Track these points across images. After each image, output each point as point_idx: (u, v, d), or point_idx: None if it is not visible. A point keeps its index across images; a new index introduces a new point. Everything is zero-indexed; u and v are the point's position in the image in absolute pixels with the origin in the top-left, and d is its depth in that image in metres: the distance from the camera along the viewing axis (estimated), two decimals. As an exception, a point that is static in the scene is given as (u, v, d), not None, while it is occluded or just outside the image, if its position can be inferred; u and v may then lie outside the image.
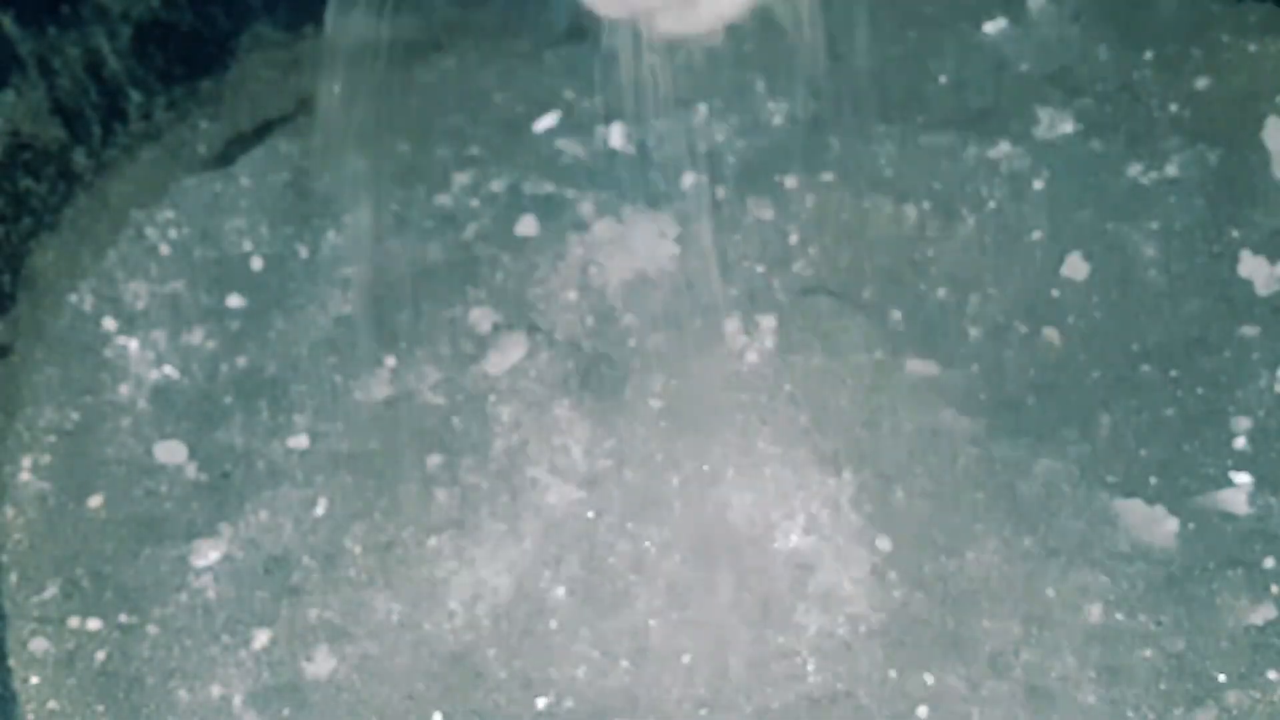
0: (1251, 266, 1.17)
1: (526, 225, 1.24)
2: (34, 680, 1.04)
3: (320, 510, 1.10)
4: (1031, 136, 1.24)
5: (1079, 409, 1.12)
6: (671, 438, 1.10)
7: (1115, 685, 1.00)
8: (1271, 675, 0.99)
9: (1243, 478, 1.07)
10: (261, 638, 1.05)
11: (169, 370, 1.19)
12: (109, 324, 1.21)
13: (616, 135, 1.30)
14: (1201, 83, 1.26)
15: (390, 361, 1.17)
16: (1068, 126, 1.25)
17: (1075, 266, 1.18)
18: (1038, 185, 1.21)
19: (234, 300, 1.22)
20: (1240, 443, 1.09)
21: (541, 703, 1.02)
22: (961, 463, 1.09)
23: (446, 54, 1.37)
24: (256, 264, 1.25)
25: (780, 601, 1.04)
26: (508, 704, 1.02)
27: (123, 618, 1.07)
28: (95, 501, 1.12)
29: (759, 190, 1.22)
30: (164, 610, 1.07)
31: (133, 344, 1.20)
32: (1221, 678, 0.99)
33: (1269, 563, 1.03)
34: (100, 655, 1.05)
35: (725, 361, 1.12)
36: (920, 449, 1.09)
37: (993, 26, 1.32)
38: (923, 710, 1.00)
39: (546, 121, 1.32)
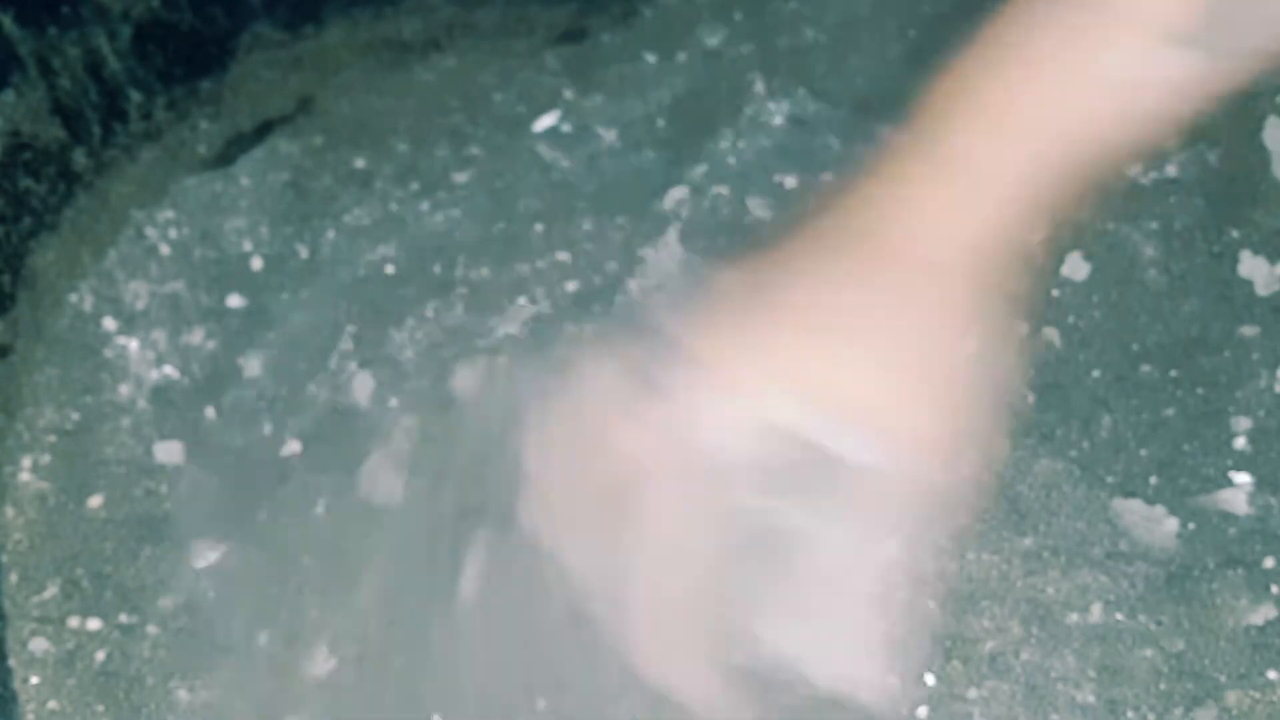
0: (1251, 266, 1.17)
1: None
2: (34, 680, 1.04)
3: (320, 510, 1.10)
4: (1031, 136, 1.24)
5: (1079, 409, 1.12)
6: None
7: (1115, 685, 1.00)
8: (1271, 675, 0.99)
9: (1243, 478, 1.07)
10: (261, 638, 1.05)
11: (169, 370, 1.19)
12: (109, 324, 1.21)
13: (615, 135, 1.30)
14: (1201, 83, 1.26)
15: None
16: (1068, 126, 1.25)
17: (1075, 266, 1.18)
18: (1038, 185, 1.21)
19: (234, 300, 1.22)
20: (1240, 443, 1.09)
21: (542, 703, 1.02)
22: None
23: (446, 54, 1.37)
24: (256, 264, 1.25)
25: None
26: (507, 704, 1.02)
27: (123, 618, 1.07)
28: (95, 501, 1.12)
29: (759, 190, 1.22)
30: (164, 610, 1.07)
31: (133, 344, 1.20)
32: (1222, 678, 0.99)
33: (1269, 562, 1.03)
34: (100, 655, 1.05)
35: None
36: (920, 449, 1.09)
37: (993, 26, 1.31)
38: (923, 711, 1.00)
39: (546, 121, 1.32)
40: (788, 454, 0.76)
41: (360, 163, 1.31)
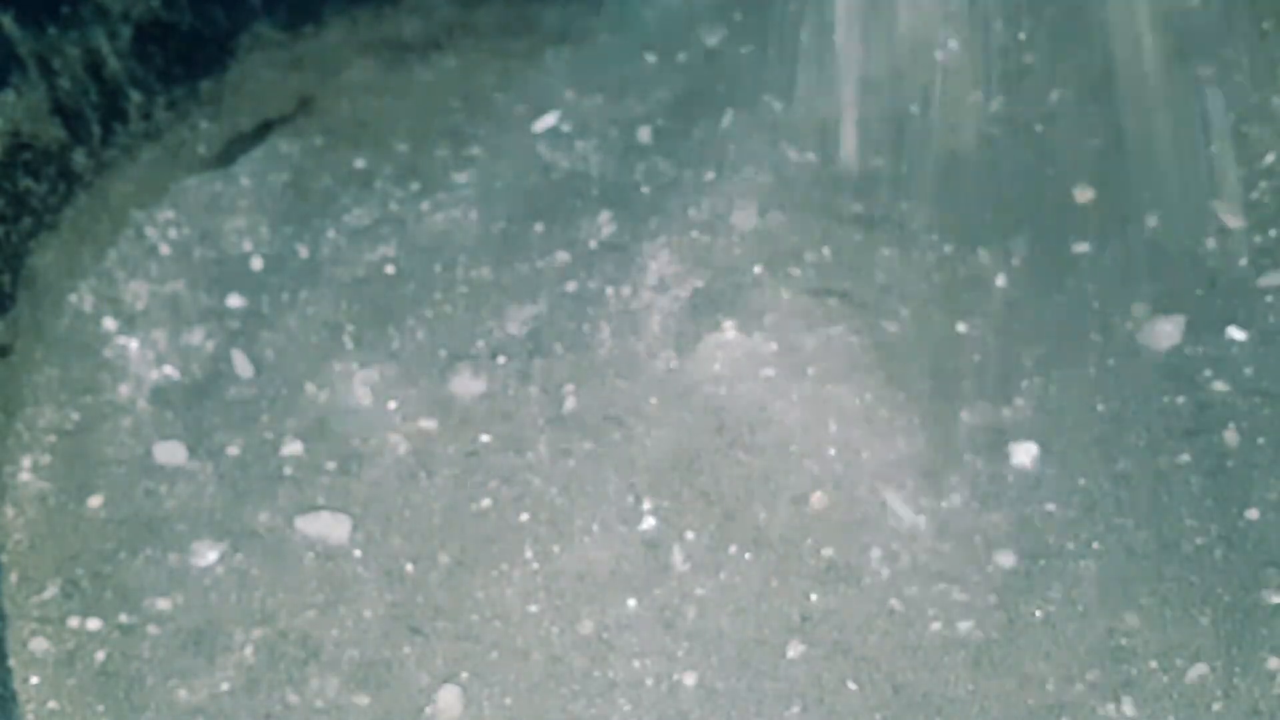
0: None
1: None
2: (34, 680, 1.04)
3: (320, 509, 1.10)
4: (1032, 135, 1.25)
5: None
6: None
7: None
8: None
9: None
10: (261, 637, 1.05)
11: (169, 370, 1.19)
12: (109, 324, 1.21)
13: (615, 135, 1.30)
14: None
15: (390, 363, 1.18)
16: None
17: (1075, 266, 1.18)
18: (1038, 184, 1.22)
19: (234, 300, 1.22)
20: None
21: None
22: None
23: (446, 54, 1.37)
24: (256, 264, 1.25)
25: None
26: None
27: (123, 618, 1.07)
28: (95, 501, 1.12)
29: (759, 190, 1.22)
30: (164, 610, 1.07)
31: (133, 344, 1.20)
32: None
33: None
34: (100, 655, 1.05)
35: (728, 361, 1.13)
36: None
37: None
38: None
39: (546, 121, 1.32)
40: None
41: (360, 163, 1.31)
